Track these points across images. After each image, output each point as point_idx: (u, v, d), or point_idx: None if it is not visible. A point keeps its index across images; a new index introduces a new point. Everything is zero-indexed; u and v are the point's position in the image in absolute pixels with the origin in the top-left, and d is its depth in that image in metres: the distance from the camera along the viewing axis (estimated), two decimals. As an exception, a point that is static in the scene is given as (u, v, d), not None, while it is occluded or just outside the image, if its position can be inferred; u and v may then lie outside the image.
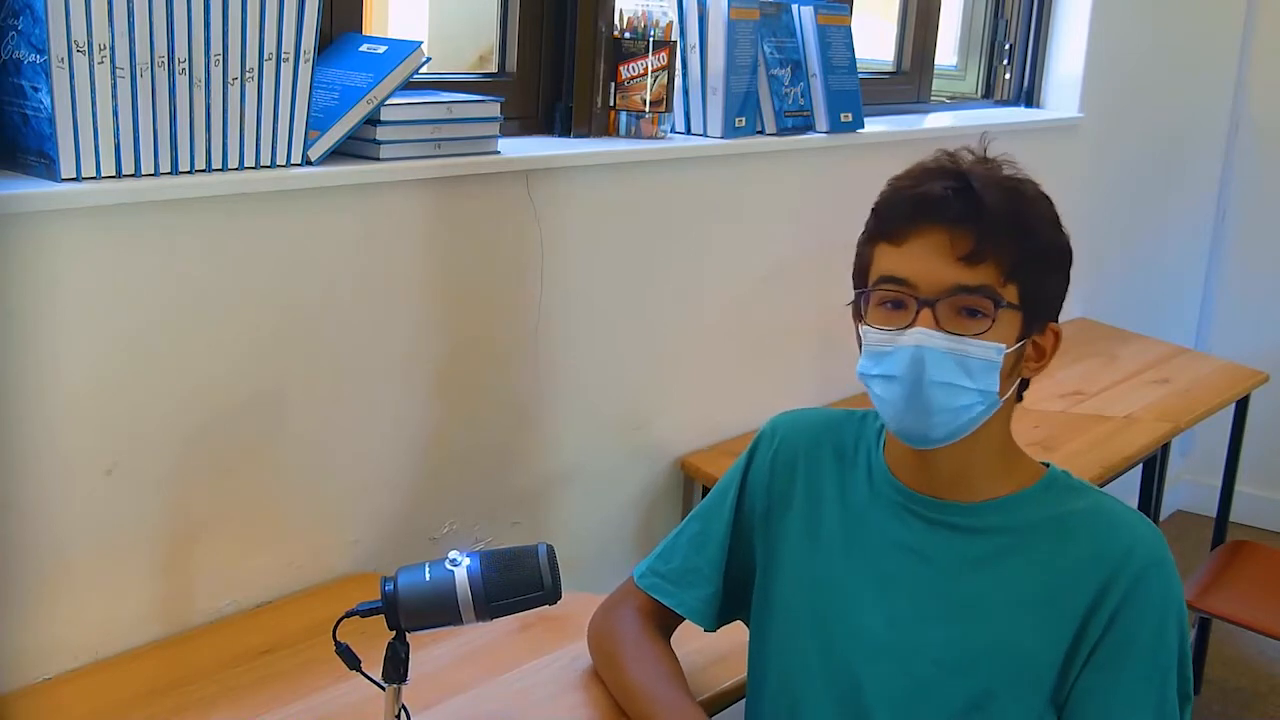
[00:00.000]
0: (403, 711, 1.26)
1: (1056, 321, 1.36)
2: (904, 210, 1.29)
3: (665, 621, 1.51)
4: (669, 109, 2.21)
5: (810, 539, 1.42)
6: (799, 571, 1.42)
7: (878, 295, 1.30)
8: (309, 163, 1.67)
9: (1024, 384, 1.37)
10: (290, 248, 1.68)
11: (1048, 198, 1.34)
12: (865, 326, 1.32)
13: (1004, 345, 1.27)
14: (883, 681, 1.34)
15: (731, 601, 1.51)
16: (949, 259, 1.26)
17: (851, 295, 1.35)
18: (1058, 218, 1.34)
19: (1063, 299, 1.36)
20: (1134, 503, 3.03)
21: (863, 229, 1.35)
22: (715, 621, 1.51)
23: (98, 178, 1.45)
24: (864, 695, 1.35)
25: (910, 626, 1.34)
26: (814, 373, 2.63)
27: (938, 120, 3.14)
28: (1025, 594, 1.31)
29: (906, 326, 1.27)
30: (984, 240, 1.25)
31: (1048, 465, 1.39)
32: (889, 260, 1.30)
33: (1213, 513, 3.47)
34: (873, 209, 1.34)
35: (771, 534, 1.46)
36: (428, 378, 1.89)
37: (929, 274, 1.26)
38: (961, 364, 1.26)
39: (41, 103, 1.41)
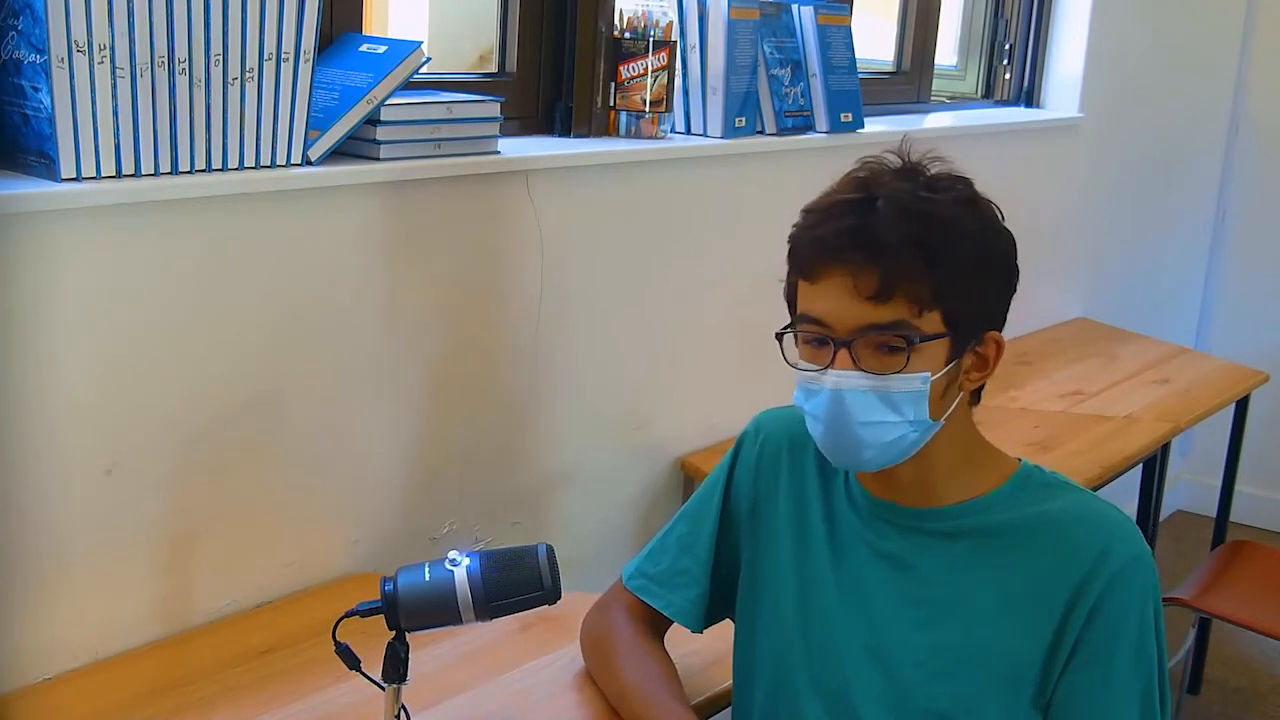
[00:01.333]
0: (403, 711, 1.26)
1: (1001, 327, 1.32)
2: (808, 250, 1.26)
3: (656, 622, 1.51)
4: (669, 109, 2.21)
5: (797, 537, 1.42)
6: (786, 570, 1.42)
7: (801, 334, 1.29)
8: (309, 163, 1.67)
9: (976, 390, 1.35)
10: (290, 248, 1.68)
11: (974, 203, 1.28)
12: (794, 362, 1.30)
13: (929, 373, 1.25)
14: (867, 685, 1.34)
15: (718, 601, 1.50)
16: (856, 299, 1.23)
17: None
18: (986, 223, 1.28)
19: (1004, 304, 1.32)
20: (1134, 503, 3.04)
21: None
22: (703, 623, 1.51)
23: (98, 178, 1.45)
24: (851, 695, 1.35)
25: (890, 632, 1.34)
26: (814, 373, 2.63)
27: (938, 120, 3.14)
28: (1003, 595, 1.30)
29: (826, 367, 1.26)
30: (889, 277, 1.21)
31: (1020, 461, 1.38)
32: (806, 298, 1.28)
33: (1213, 513, 3.47)
34: (787, 240, 1.30)
35: (758, 532, 1.46)
36: (427, 377, 1.89)
37: (840, 314, 1.24)
38: (885, 400, 1.24)
39: (41, 103, 1.41)
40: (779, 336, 1.32)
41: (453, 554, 1.27)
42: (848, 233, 1.23)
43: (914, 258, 1.22)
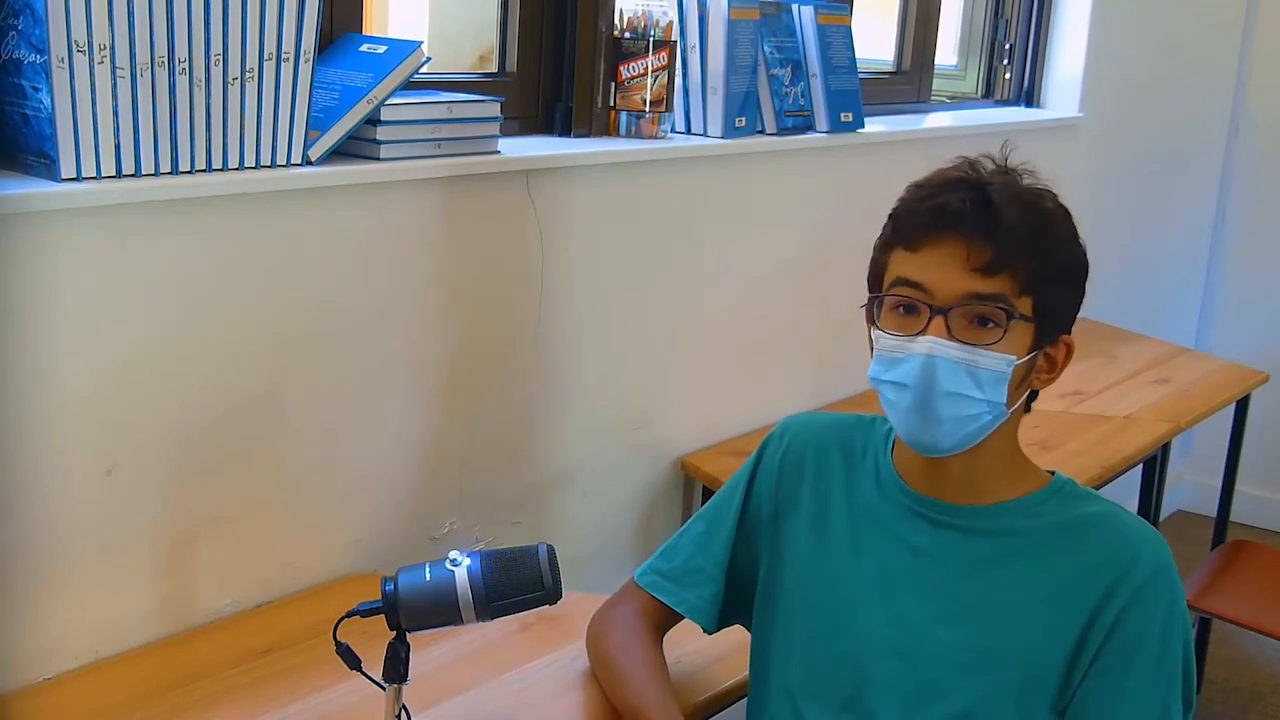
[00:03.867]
0: (403, 711, 1.26)
1: (1069, 333, 1.36)
2: (922, 219, 1.29)
3: (661, 621, 1.51)
4: (669, 109, 2.21)
5: (817, 541, 1.43)
6: (805, 572, 1.43)
7: (891, 299, 1.31)
8: (309, 163, 1.67)
9: (1033, 394, 1.38)
10: (290, 248, 1.68)
11: (1066, 210, 1.35)
12: (878, 331, 1.32)
13: (1015, 357, 1.28)
14: (888, 682, 1.35)
15: (732, 603, 1.50)
16: (965, 268, 1.26)
17: (859, 298, 1.35)
18: (1075, 231, 1.35)
19: (1076, 311, 1.36)
20: (1134, 503, 3.04)
21: (879, 234, 1.35)
22: (716, 623, 1.51)
23: (98, 178, 1.45)
24: (868, 695, 1.35)
25: (917, 627, 1.35)
26: (814, 373, 2.64)
27: (938, 120, 3.14)
28: (1031, 597, 1.31)
29: (919, 333, 1.28)
30: (1001, 252, 1.26)
31: (1053, 473, 1.40)
32: (904, 265, 1.30)
33: (1213, 513, 3.47)
34: (891, 215, 1.34)
35: (779, 535, 1.46)
36: (428, 377, 1.89)
37: (944, 281, 1.27)
38: (972, 374, 1.27)
39: (41, 103, 1.41)
40: (872, 301, 1.33)
41: (453, 554, 1.27)
42: (970, 202, 1.27)
43: (1027, 239, 1.27)
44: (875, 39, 3.10)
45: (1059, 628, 1.30)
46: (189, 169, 1.53)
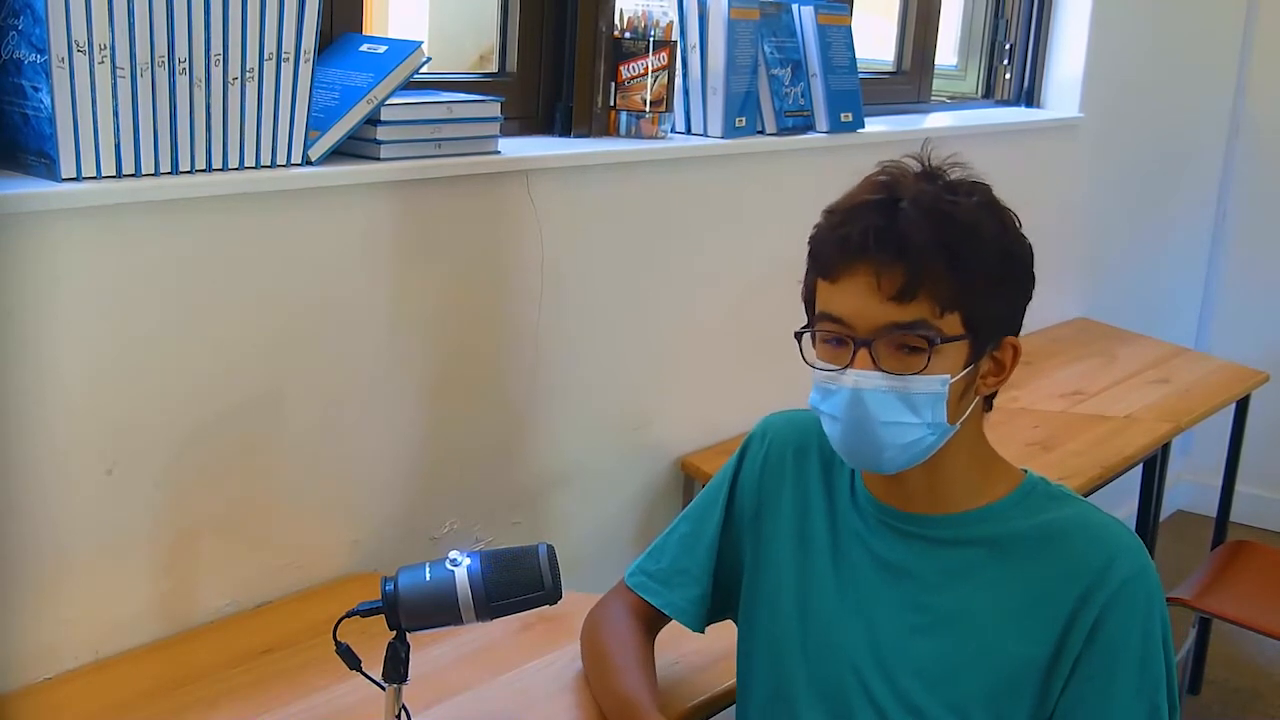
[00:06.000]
0: (403, 711, 1.26)
1: (1017, 333, 1.33)
2: (833, 248, 1.26)
3: (652, 621, 1.51)
4: (669, 109, 2.21)
5: (799, 542, 1.42)
6: (787, 574, 1.42)
7: (820, 334, 1.29)
8: (309, 163, 1.67)
9: (990, 395, 1.35)
10: (290, 248, 1.68)
11: (996, 206, 1.29)
12: (813, 361, 1.30)
13: (949, 375, 1.25)
14: (867, 691, 1.34)
15: (719, 602, 1.50)
16: (879, 298, 1.23)
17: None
18: (1007, 228, 1.28)
19: (1020, 310, 1.32)
20: (1134, 503, 3.04)
21: None
22: (703, 622, 1.51)
23: (98, 178, 1.45)
24: (850, 700, 1.35)
25: (890, 640, 1.34)
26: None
27: (938, 120, 3.14)
28: (1006, 604, 1.30)
29: (846, 366, 1.26)
30: (913, 277, 1.22)
31: (1026, 471, 1.38)
32: (826, 298, 1.28)
33: (1213, 513, 3.47)
34: (808, 241, 1.31)
35: (761, 535, 1.46)
36: (428, 377, 1.89)
37: (861, 313, 1.24)
38: (905, 400, 1.24)
39: (42, 102, 1.41)
40: (798, 336, 1.32)
41: (453, 554, 1.27)
42: (873, 232, 1.23)
43: (938, 258, 1.22)
44: (875, 39, 3.10)
45: (1034, 635, 1.28)
46: (189, 169, 1.53)
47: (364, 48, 1.77)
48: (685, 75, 2.29)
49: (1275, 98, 4.22)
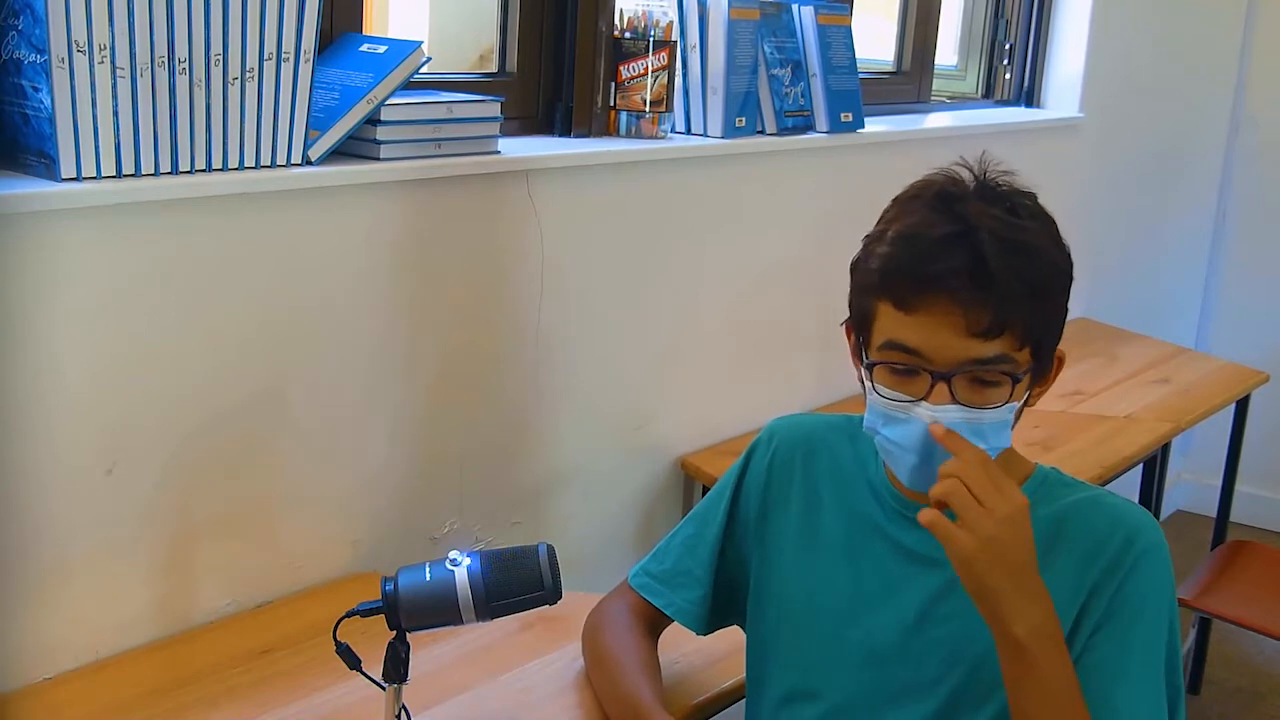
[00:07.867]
0: (403, 711, 1.26)
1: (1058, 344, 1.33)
2: (913, 280, 1.22)
3: (654, 622, 1.51)
4: (669, 109, 2.21)
5: (807, 543, 1.42)
6: (796, 575, 1.42)
7: (890, 364, 1.25)
8: (309, 163, 1.67)
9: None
10: (290, 248, 1.68)
11: (1050, 225, 1.29)
12: (874, 385, 1.27)
13: (1017, 403, 1.26)
14: (891, 682, 1.35)
15: (723, 605, 1.50)
16: (963, 334, 1.21)
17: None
18: (1060, 245, 1.28)
19: (1065, 319, 1.32)
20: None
21: (859, 263, 1.29)
22: (706, 625, 1.51)
23: (98, 178, 1.45)
24: (871, 695, 1.35)
25: (918, 628, 1.34)
26: (813, 373, 2.64)
27: (938, 120, 3.14)
28: None
29: (921, 398, 1.23)
30: (1000, 314, 1.20)
31: (1036, 464, 1.39)
32: (896, 326, 1.24)
33: (1213, 513, 3.47)
34: (877, 261, 1.26)
35: (766, 537, 1.46)
36: (428, 377, 1.89)
37: (943, 348, 1.21)
38: (976, 430, 1.23)
39: (42, 102, 1.41)
40: (869, 368, 1.28)
41: (453, 554, 1.27)
42: (964, 268, 1.20)
43: (1024, 294, 1.21)
44: (875, 39, 3.10)
45: (1058, 614, 1.28)
46: (189, 169, 1.53)
47: (364, 48, 1.77)
48: (685, 75, 2.29)
49: (1275, 98, 4.22)
